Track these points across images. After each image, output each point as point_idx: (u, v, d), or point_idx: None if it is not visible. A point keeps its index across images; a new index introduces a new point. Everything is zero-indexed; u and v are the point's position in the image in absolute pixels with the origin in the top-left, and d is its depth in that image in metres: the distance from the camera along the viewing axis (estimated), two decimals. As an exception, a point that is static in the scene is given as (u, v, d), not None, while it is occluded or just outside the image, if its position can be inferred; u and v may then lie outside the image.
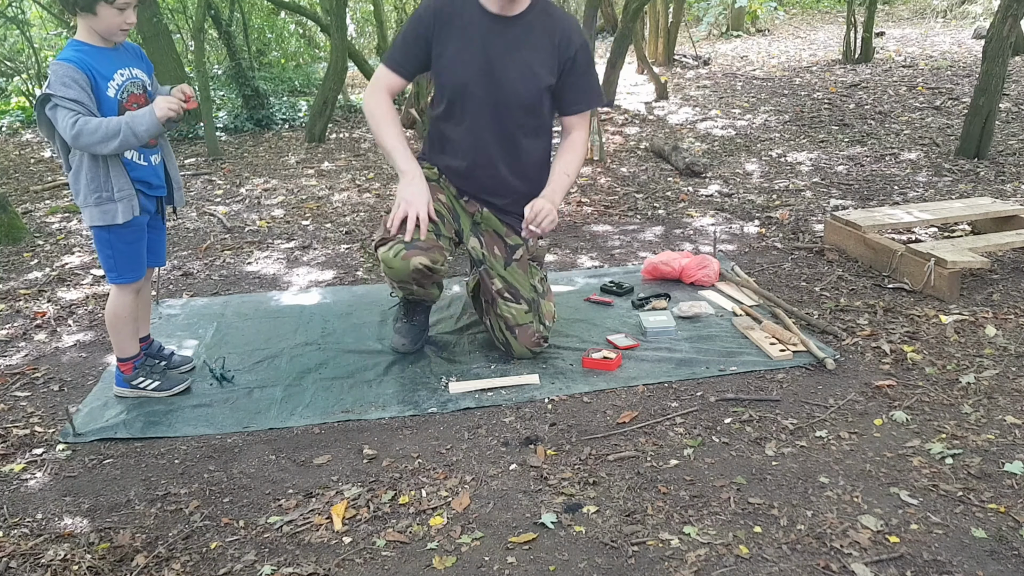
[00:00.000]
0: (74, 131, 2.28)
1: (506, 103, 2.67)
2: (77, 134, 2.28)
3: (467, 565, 1.86)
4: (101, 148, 2.33)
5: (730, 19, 13.66)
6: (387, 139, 2.65)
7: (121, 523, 2.07)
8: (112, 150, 2.34)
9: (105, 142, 2.31)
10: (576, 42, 2.68)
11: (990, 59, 5.02)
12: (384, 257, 2.60)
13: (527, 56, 2.64)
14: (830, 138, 6.27)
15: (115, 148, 2.34)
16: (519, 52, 2.64)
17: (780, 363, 2.76)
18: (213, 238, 4.54)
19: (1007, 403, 2.45)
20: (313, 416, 2.55)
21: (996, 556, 1.81)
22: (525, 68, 2.64)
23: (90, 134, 2.29)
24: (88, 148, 2.33)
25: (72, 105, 2.28)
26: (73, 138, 2.29)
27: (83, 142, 2.30)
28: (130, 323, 2.63)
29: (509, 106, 2.68)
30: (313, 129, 7.31)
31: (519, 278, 2.81)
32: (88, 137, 2.29)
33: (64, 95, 2.28)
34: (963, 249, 3.29)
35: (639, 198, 5.00)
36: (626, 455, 2.27)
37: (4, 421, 2.59)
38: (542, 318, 2.85)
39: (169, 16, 9.02)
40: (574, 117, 2.78)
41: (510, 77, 2.64)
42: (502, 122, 2.70)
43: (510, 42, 2.63)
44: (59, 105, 2.29)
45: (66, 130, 2.29)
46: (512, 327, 2.80)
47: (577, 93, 2.74)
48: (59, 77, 2.29)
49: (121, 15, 2.35)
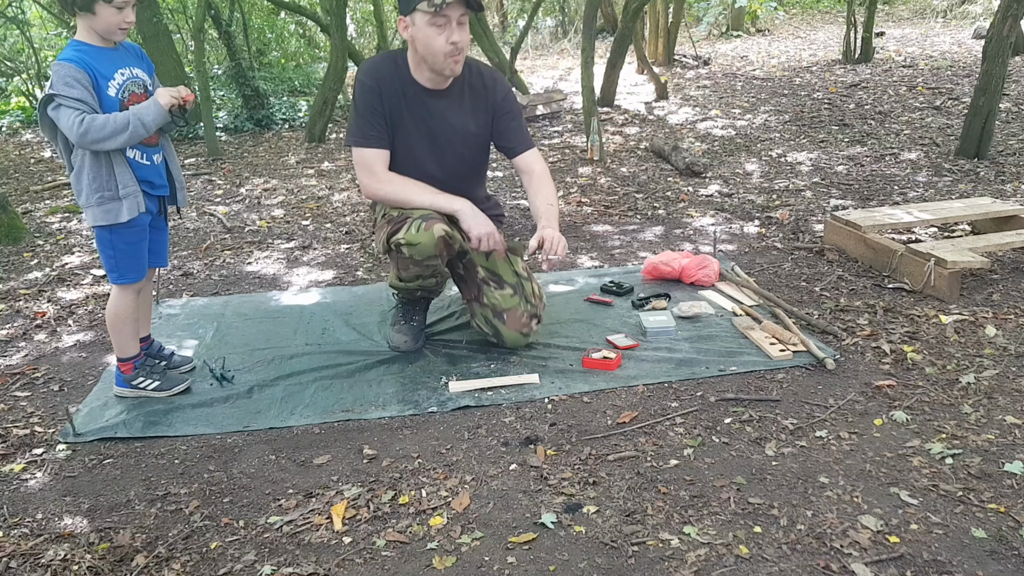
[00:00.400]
0: (82, 129, 2.28)
1: (453, 168, 2.83)
2: (85, 132, 2.28)
3: (467, 565, 1.86)
4: (110, 143, 2.33)
5: (730, 19, 13.66)
6: (423, 195, 2.71)
7: (121, 523, 2.08)
8: (121, 143, 2.35)
9: (114, 136, 2.32)
10: (501, 91, 2.83)
11: (990, 59, 5.02)
12: (408, 237, 2.63)
13: (464, 120, 2.79)
14: (830, 138, 6.27)
15: (124, 141, 2.35)
16: (457, 118, 2.78)
17: (780, 363, 2.76)
18: (213, 238, 4.54)
19: (1007, 403, 2.45)
20: (313, 416, 2.55)
21: (996, 556, 1.81)
22: (465, 133, 2.79)
23: (98, 130, 2.29)
24: (97, 145, 2.33)
25: (76, 104, 2.28)
26: (80, 136, 2.29)
27: (92, 138, 2.30)
28: (131, 323, 2.63)
29: (456, 168, 2.84)
30: (313, 129, 7.31)
31: (500, 266, 2.89)
32: (97, 133, 2.29)
33: (68, 94, 2.28)
34: (963, 249, 3.29)
35: (639, 198, 5.00)
36: (626, 455, 2.27)
37: (4, 421, 2.59)
38: (528, 298, 2.89)
39: (169, 16, 9.03)
40: (527, 155, 2.87)
41: (453, 143, 2.79)
42: (449, 179, 2.81)
43: (447, 111, 2.76)
44: (63, 105, 2.29)
45: (72, 129, 2.28)
46: (500, 313, 2.85)
47: (518, 135, 2.86)
48: (61, 77, 2.29)
49: (120, 14, 2.35)
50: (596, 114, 6.17)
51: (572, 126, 7.44)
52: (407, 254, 2.67)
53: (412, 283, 2.85)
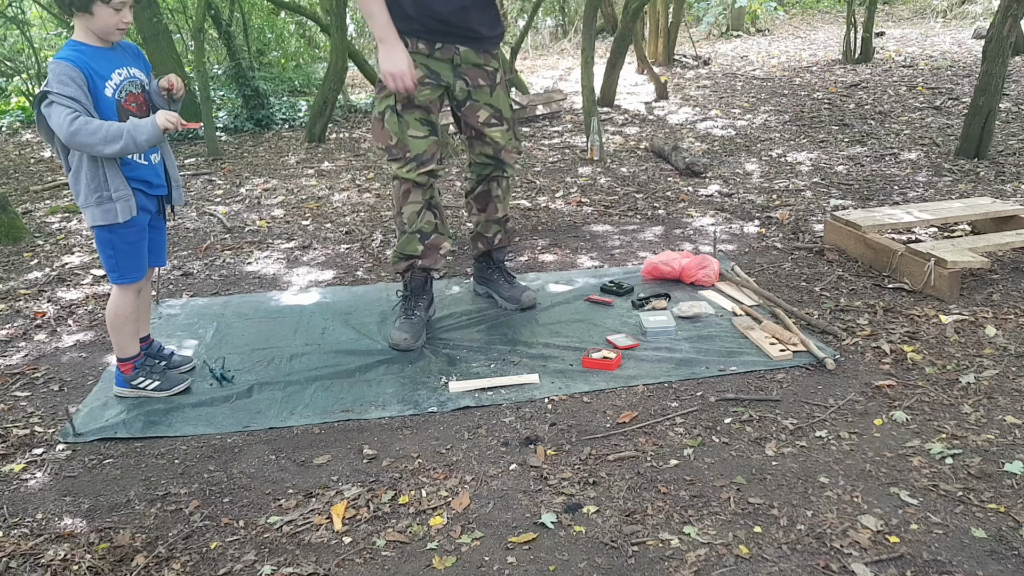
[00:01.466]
0: (72, 128, 2.27)
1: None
2: (75, 132, 2.27)
3: (467, 565, 1.86)
4: (100, 149, 2.32)
5: (730, 19, 13.66)
6: (370, 3, 2.77)
7: (121, 523, 2.08)
8: (111, 153, 2.34)
9: (105, 144, 2.31)
10: None
11: (990, 59, 5.02)
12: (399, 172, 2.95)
13: None
14: (830, 138, 6.27)
15: (115, 152, 2.34)
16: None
17: (780, 363, 2.76)
18: (213, 238, 4.54)
19: (1007, 403, 2.45)
20: (313, 416, 2.55)
21: (996, 556, 1.81)
22: None
23: (89, 134, 2.29)
24: (84, 148, 2.33)
25: (68, 103, 2.28)
26: (70, 135, 2.28)
27: (79, 141, 2.29)
28: (131, 323, 2.63)
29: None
30: (313, 129, 7.31)
31: (502, 99, 3.07)
32: (87, 137, 2.29)
33: (61, 92, 2.28)
34: (963, 249, 3.29)
35: (639, 198, 5.00)
36: (626, 455, 2.27)
37: (4, 421, 2.59)
38: (517, 134, 3.16)
39: (169, 16, 9.02)
40: None
41: None
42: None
43: None
44: (55, 102, 2.29)
45: (62, 127, 2.28)
46: (499, 150, 3.08)
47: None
48: (56, 75, 2.29)
49: (117, 15, 2.36)
50: (596, 114, 6.17)
51: (572, 126, 7.44)
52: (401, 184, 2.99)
53: (416, 225, 3.01)
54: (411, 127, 2.90)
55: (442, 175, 3.21)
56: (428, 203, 3.04)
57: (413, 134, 2.91)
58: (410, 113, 2.90)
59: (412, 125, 2.90)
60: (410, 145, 2.91)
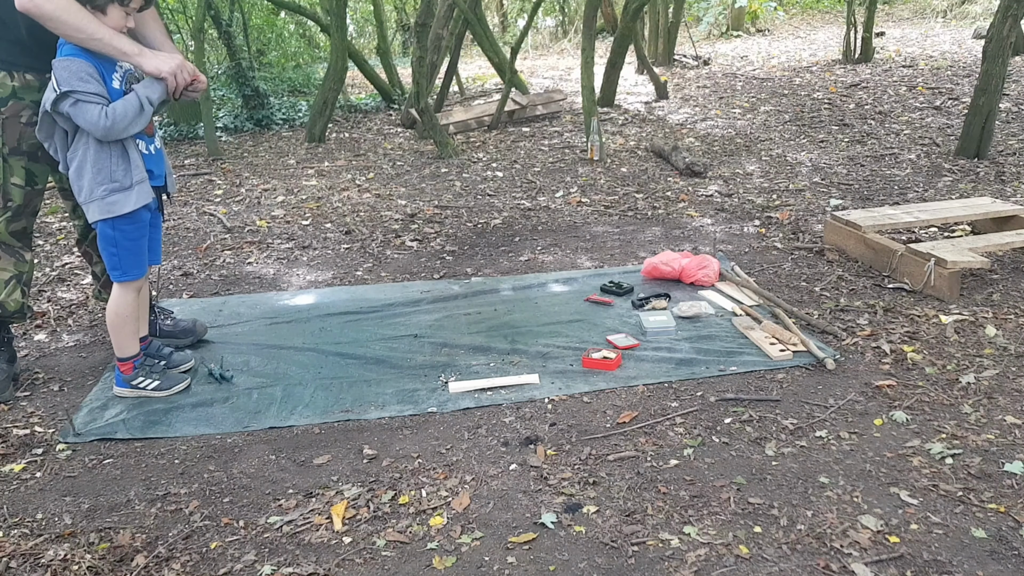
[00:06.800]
0: (108, 122, 2.33)
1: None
2: (112, 124, 2.34)
3: (467, 565, 1.86)
4: (133, 128, 2.41)
5: (730, 19, 13.67)
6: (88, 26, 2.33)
7: (121, 523, 2.07)
8: (140, 126, 2.43)
9: (136, 119, 2.40)
10: None
11: (990, 59, 5.02)
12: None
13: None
14: (830, 138, 6.27)
15: (144, 123, 2.43)
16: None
17: (780, 363, 2.76)
18: (213, 238, 4.54)
19: (1007, 403, 2.45)
20: (313, 416, 2.55)
21: (996, 556, 1.81)
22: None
23: (123, 118, 2.36)
24: (123, 133, 2.39)
25: (96, 99, 2.34)
26: (107, 129, 2.34)
27: (118, 128, 2.36)
28: (131, 322, 2.64)
29: None
30: (313, 129, 7.31)
31: None
32: (123, 121, 2.36)
33: (85, 90, 2.32)
34: (963, 249, 3.29)
35: (639, 198, 5.00)
36: (626, 455, 2.27)
37: (4, 421, 2.58)
38: None
39: (169, 16, 9.03)
40: None
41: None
42: None
43: None
44: (82, 101, 2.32)
45: (98, 124, 2.33)
46: None
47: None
48: (74, 73, 2.31)
49: (128, 17, 2.44)
50: (596, 114, 6.17)
51: (572, 126, 7.44)
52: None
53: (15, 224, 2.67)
54: (15, 174, 2.60)
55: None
56: (19, 278, 2.71)
57: (15, 182, 2.61)
58: (17, 159, 2.59)
59: (16, 172, 2.60)
60: (12, 194, 2.61)
